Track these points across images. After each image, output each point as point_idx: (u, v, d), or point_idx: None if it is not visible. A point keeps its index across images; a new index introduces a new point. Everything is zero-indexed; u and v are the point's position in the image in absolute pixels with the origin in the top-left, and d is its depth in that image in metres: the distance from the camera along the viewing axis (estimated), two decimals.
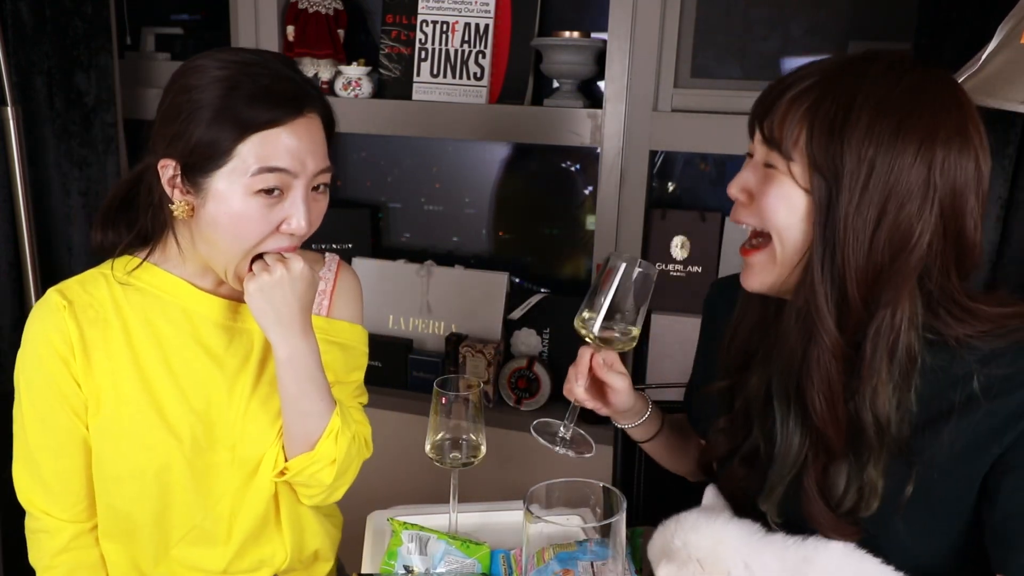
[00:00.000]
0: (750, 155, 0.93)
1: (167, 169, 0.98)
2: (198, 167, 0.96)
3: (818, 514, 0.90)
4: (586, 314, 1.04)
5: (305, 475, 1.07)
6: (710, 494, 0.98)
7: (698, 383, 1.19)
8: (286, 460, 1.07)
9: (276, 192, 0.97)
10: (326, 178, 1.03)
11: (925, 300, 0.87)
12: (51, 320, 1.03)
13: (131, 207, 1.07)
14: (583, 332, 1.05)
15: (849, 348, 0.87)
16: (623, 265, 1.00)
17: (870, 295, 0.85)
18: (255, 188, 0.96)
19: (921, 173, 0.81)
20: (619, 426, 1.18)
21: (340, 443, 1.07)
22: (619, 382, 1.09)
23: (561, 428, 1.10)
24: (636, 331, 1.04)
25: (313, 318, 1.14)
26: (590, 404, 1.10)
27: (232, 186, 0.96)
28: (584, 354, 1.08)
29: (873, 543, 0.89)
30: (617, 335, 1.04)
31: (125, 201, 1.07)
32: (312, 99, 1.00)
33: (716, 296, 1.18)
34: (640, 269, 1.00)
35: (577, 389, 1.08)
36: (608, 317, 1.02)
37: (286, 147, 0.96)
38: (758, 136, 0.89)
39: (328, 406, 1.06)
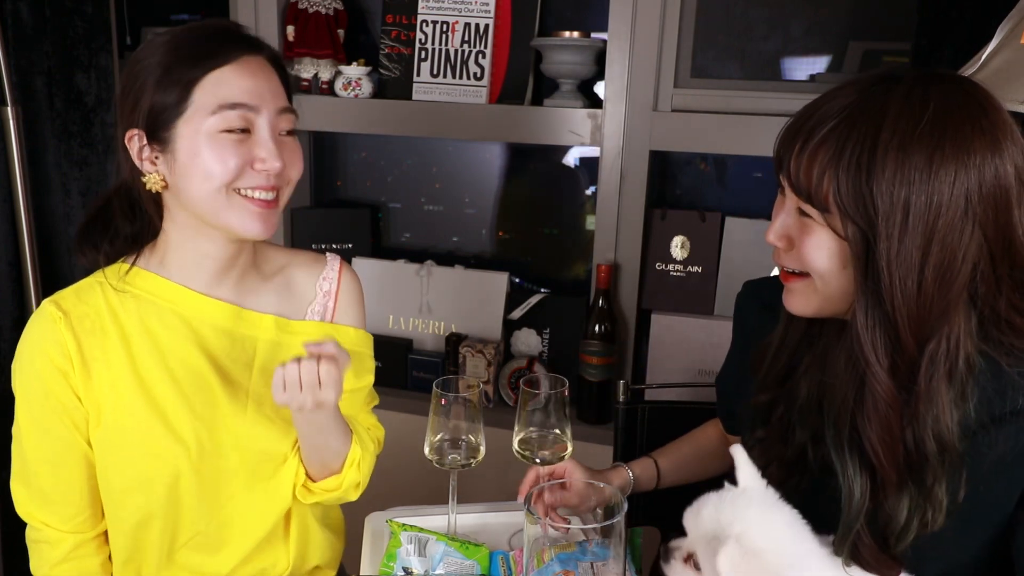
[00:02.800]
0: (782, 192, 0.90)
1: (134, 141, 0.99)
2: (159, 123, 0.97)
3: (866, 552, 0.87)
4: (516, 439, 1.15)
5: (332, 497, 1.11)
6: (746, 469, 0.89)
7: (730, 380, 1.18)
8: (310, 478, 1.10)
9: (241, 132, 0.98)
10: (290, 121, 1.04)
11: (977, 314, 0.85)
12: (48, 332, 1.01)
13: (110, 222, 1.07)
14: (519, 454, 1.15)
15: (902, 387, 0.84)
16: (536, 393, 1.14)
17: (922, 333, 0.82)
18: (218, 128, 0.96)
19: (959, 199, 0.78)
20: None
21: (363, 469, 1.11)
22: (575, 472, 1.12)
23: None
24: (565, 438, 1.15)
25: (318, 325, 1.15)
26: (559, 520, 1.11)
27: (196, 132, 0.97)
28: (528, 475, 1.14)
29: (914, 545, 0.88)
30: (548, 450, 1.14)
31: (103, 215, 1.07)
32: (256, 43, 1.02)
33: (748, 298, 1.15)
34: (552, 391, 1.14)
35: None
36: (539, 432, 1.15)
37: (241, 84, 0.97)
38: (787, 182, 0.86)
39: (345, 441, 1.09)
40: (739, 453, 0.87)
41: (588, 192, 2.07)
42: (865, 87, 0.83)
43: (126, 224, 1.06)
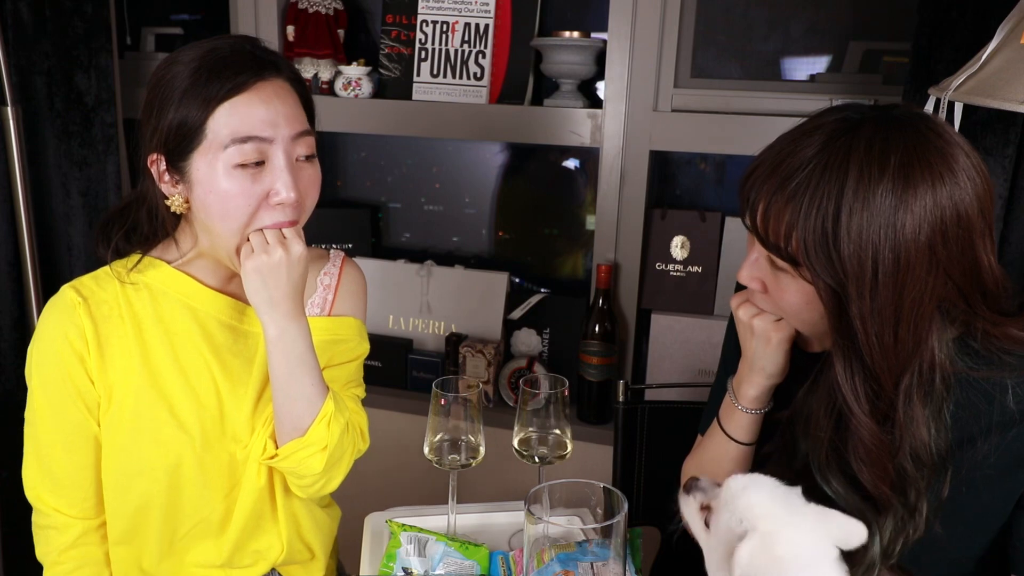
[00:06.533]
0: (751, 232, 0.90)
1: (156, 164, 1.00)
2: (177, 152, 0.97)
3: None
4: (516, 439, 1.15)
5: (295, 460, 1.04)
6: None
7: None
8: (277, 447, 1.06)
9: (256, 164, 0.97)
10: (308, 145, 1.02)
11: (954, 329, 0.86)
12: (67, 316, 1.03)
13: (128, 218, 1.08)
14: (518, 452, 1.15)
15: (883, 423, 0.85)
16: (535, 393, 1.15)
17: (898, 373, 0.83)
18: (233, 163, 0.96)
19: (924, 249, 0.79)
20: (744, 407, 1.04)
21: (332, 429, 1.04)
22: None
23: None
24: (565, 437, 1.15)
25: (315, 319, 1.15)
26: None
27: (211, 164, 0.96)
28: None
29: (920, 554, 0.89)
30: (547, 449, 1.15)
31: (124, 214, 1.08)
32: (274, 66, 1.00)
33: None
34: (552, 391, 1.14)
35: None
36: (538, 432, 1.15)
37: (255, 115, 0.96)
38: (755, 235, 0.87)
39: (320, 391, 1.04)
40: (860, 529, 0.82)
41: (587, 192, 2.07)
42: (828, 136, 0.82)
43: (145, 223, 1.07)
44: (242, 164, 0.96)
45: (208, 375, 1.07)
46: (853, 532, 0.79)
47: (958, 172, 0.80)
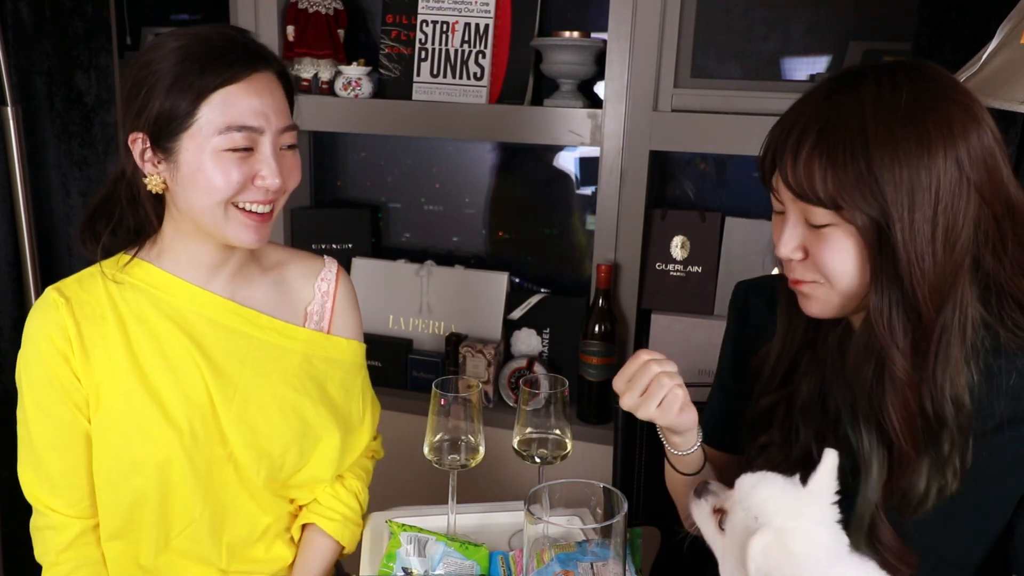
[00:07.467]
0: (779, 212, 0.91)
1: (137, 144, 1.01)
2: (164, 134, 0.99)
3: (885, 536, 0.89)
4: (516, 439, 1.14)
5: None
6: (826, 477, 0.83)
7: (728, 389, 1.15)
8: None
9: (244, 150, 0.99)
10: (292, 137, 1.05)
11: (980, 284, 0.87)
12: (50, 317, 1.04)
13: (113, 212, 1.09)
14: (518, 452, 1.14)
15: (920, 359, 0.86)
16: (535, 393, 1.15)
17: (939, 302, 0.84)
18: (223, 147, 0.98)
19: (953, 168, 0.81)
20: (676, 452, 1.06)
21: (356, 528, 1.22)
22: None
23: None
24: (565, 437, 1.14)
25: (313, 334, 1.17)
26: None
27: (200, 147, 0.98)
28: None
29: (917, 531, 0.90)
30: (548, 449, 1.14)
31: (107, 205, 1.09)
32: (264, 58, 1.02)
33: (749, 298, 1.14)
34: (552, 391, 1.14)
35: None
36: (538, 432, 1.14)
37: (248, 105, 0.98)
38: (788, 195, 0.87)
39: (333, 547, 1.20)
40: (830, 457, 0.83)
41: (587, 192, 2.07)
42: (829, 90, 0.86)
43: (129, 215, 1.08)
44: (231, 149, 0.98)
45: (197, 373, 1.07)
46: (824, 465, 0.81)
47: (969, 100, 0.84)
